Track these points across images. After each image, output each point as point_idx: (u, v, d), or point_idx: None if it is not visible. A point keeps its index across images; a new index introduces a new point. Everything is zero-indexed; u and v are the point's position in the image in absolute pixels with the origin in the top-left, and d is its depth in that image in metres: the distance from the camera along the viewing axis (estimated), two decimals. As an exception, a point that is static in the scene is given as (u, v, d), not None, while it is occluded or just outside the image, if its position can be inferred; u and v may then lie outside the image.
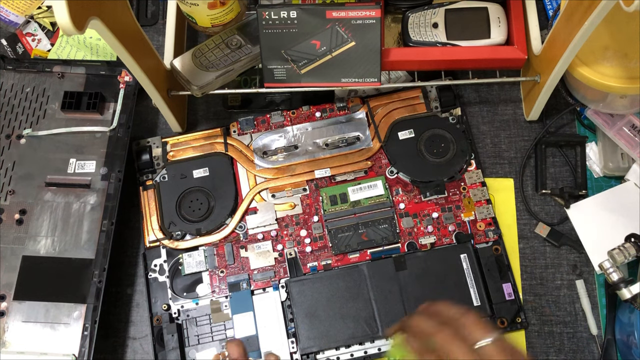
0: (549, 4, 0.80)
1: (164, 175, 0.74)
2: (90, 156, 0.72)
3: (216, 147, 0.75)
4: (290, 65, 0.67)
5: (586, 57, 0.67)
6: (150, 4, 0.84)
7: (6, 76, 0.75)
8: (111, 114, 0.74)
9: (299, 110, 0.76)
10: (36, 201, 0.70)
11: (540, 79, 0.69)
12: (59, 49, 0.82)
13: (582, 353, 0.68)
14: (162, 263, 0.71)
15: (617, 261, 0.63)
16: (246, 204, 0.72)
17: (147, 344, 0.70)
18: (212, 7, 0.69)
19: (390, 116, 0.74)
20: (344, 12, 0.65)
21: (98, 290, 0.66)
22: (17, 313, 0.66)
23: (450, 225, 0.71)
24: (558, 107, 0.75)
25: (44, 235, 0.69)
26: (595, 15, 0.53)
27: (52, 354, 0.64)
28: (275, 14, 0.65)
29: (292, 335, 0.67)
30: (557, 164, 0.75)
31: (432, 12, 0.73)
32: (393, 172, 0.73)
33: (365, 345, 0.67)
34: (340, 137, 0.74)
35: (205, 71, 0.69)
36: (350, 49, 0.66)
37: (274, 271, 0.70)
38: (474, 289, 0.67)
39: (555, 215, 0.73)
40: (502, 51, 0.71)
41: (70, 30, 0.48)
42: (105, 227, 0.68)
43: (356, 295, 0.67)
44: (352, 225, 0.71)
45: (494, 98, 0.78)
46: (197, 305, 0.69)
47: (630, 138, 0.72)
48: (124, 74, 0.74)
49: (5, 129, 0.73)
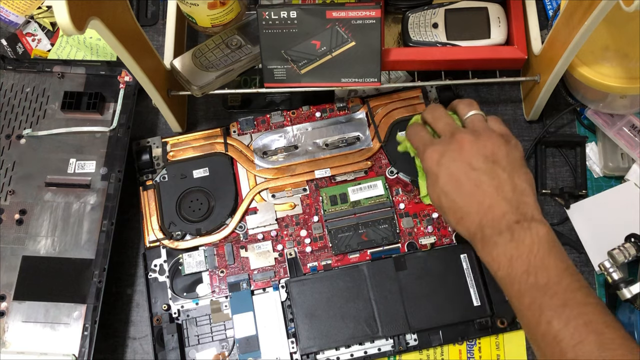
0: (549, 4, 0.80)
1: (164, 175, 0.74)
2: (90, 156, 0.72)
3: (216, 147, 0.75)
4: (290, 65, 0.67)
5: (586, 57, 0.67)
6: (150, 4, 0.84)
7: (6, 76, 0.75)
8: (111, 114, 0.74)
9: (299, 110, 0.76)
10: (36, 201, 0.70)
11: (540, 79, 0.69)
12: (59, 49, 0.82)
13: (582, 353, 0.68)
14: (162, 263, 0.71)
15: (617, 261, 0.63)
16: (246, 204, 0.72)
17: (147, 344, 0.70)
18: (212, 7, 0.69)
19: (390, 116, 0.74)
20: (344, 12, 0.65)
21: (98, 290, 0.66)
22: (17, 313, 0.66)
23: (450, 225, 0.71)
24: (558, 107, 0.75)
25: (44, 235, 0.69)
26: (595, 15, 0.53)
27: (52, 354, 0.64)
28: (275, 14, 0.65)
29: (292, 335, 0.67)
30: (557, 164, 0.75)
31: (432, 12, 0.73)
32: (393, 172, 0.73)
33: (365, 345, 0.67)
34: (340, 137, 0.74)
35: (205, 71, 0.69)
36: (350, 49, 0.66)
37: (274, 271, 0.70)
38: (474, 289, 0.67)
39: (555, 215, 0.73)
40: (502, 51, 0.71)
41: (70, 31, 0.48)
42: (105, 227, 0.68)
43: (356, 295, 0.67)
44: (352, 225, 0.71)
45: (494, 98, 0.78)
46: (197, 305, 0.69)
47: (630, 138, 0.72)
48: (124, 74, 0.74)
49: (5, 129, 0.73)
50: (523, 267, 0.53)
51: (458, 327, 0.67)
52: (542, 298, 0.52)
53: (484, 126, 0.60)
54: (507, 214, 0.55)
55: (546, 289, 0.52)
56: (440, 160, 0.58)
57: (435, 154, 0.59)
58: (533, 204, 0.56)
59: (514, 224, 0.54)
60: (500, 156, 0.57)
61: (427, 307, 0.67)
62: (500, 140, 0.58)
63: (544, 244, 0.53)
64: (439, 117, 0.62)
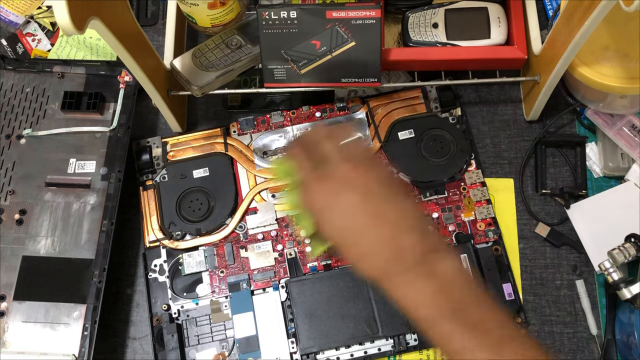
0: (549, 4, 0.80)
1: (164, 175, 0.74)
2: (90, 156, 0.72)
3: (216, 147, 0.75)
4: (290, 65, 0.67)
5: (586, 57, 0.67)
6: (150, 4, 0.84)
7: (6, 76, 0.75)
8: (111, 114, 0.74)
9: (299, 110, 0.76)
10: (36, 201, 0.70)
11: (540, 79, 0.69)
12: (59, 49, 0.82)
13: (582, 353, 0.68)
14: (162, 263, 0.71)
15: (617, 261, 0.63)
16: (246, 204, 0.72)
17: (147, 344, 0.70)
18: (212, 7, 0.69)
19: (390, 116, 0.74)
20: (344, 12, 0.65)
21: (98, 290, 0.66)
22: (17, 313, 0.66)
23: (451, 225, 0.71)
24: (558, 107, 0.75)
25: (44, 235, 0.69)
26: (595, 15, 0.53)
27: (52, 354, 0.64)
28: (275, 14, 0.65)
29: (292, 335, 0.67)
30: (557, 164, 0.75)
31: (432, 12, 0.73)
32: (393, 172, 0.73)
33: (365, 346, 0.67)
34: (340, 137, 0.74)
35: (205, 71, 0.69)
36: (350, 49, 0.66)
37: (274, 271, 0.70)
38: (474, 289, 0.67)
39: (555, 215, 0.73)
40: (502, 51, 0.71)
41: (70, 31, 0.48)
42: (105, 227, 0.68)
43: (356, 295, 0.67)
44: (352, 225, 0.70)
45: (494, 98, 0.78)
46: (197, 306, 0.69)
47: (630, 138, 0.72)
48: (124, 74, 0.74)
49: (5, 129, 0.73)
50: (443, 302, 0.47)
51: (458, 327, 0.67)
52: (471, 333, 0.45)
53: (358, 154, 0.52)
54: (415, 247, 0.47)
55: (475, 324, 0.46)
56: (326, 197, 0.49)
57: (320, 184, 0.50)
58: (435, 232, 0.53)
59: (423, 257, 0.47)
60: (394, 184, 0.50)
61: (427, 307, 0.67)
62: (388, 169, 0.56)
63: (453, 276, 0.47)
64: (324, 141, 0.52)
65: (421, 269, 0.47)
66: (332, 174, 0.50)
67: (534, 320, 0.69)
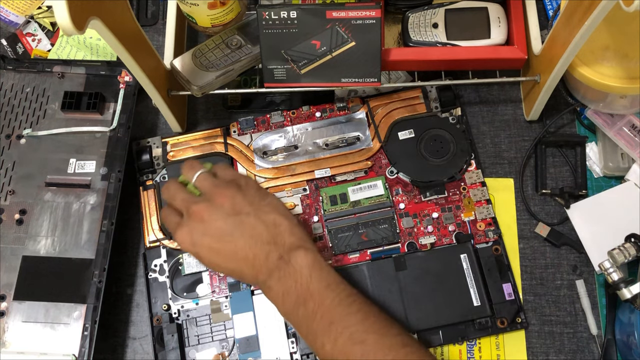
0: (549, 4, 0.80)
1: (164, 175, 0.74)
2: (90, 156, 0.72)
3: (216, 147, 0.75)
4: (290, 65, 0.67)
5: (586, 57, 0.67)
6: (150, 4, 0.84)
7: (6, 76, 0.75)
8: (111, 114, 0.74)
9: (299, 110, 0.76)
10: (36, 201, 0.70)
11: (540, 79, 0.69)
12: (59, 49, 0.82)
13: (582, 353, 0.68)
14: (162, 263, 0.71)
15: (617, 261, 0.63)
16: (246, 204, 0.72)
17: (147, 344, 0.70)
18: (212, 7, 0.69)
19: (390, 116, 0.74)
20: (344, 12, 0.65)
21: (98, 290, 0.66)
22: (17, 313, 0.66)
23: (450, 225, 0.71)
24: (558, 107, 0.75)
25: (44, 235, 0.69)
26: (595, 16, 0.53)
27: (52, 354, 0.64)
28: (275, 14, 0.65)
29: (292, 335, 0.67)
30: (557, 164, 0.75)
31: (432, 12, 0.73)
32: (393, 172, 0.73)
33: (365, 345, 0.67)
34: (340, 137, 0.74)
35: (205, 71, 0.69)
36: (350, 49, 0.66)
37: (274, 271, 0.70)
38: (474, 289, 0.67)
39: (555, 215, 0.73)
40: (502, 51, 0.71)
41: (70, 31, 0.48)
42: (105, 227, 0.68)
43: (356, 295, 0.67)
44: (352, 225, 0.71)
45: (494, 98, 0.78)
46: (197, 306, 0.69)
47: (630, 138, 0.72)
48: (124, 74, 0.74)
49: (5, 129, 0.73)
50: (292, 299, 0.56)
51: (458, 327, 0.67)
52: (313, 324, 0.54)
53: (212, 183, 0.60)
54: (270, 253, 0.57)
55: (314, 314, 0.54)
56: (192, 240, 0.59)
57: (186, 235, 0.59)
58: (287, 228, 0.58)
59: (278, 261, 0.56)
60: (239, 204, 0.58)
61: (427, 307, 0.67)
62: (232, 190, 0.59)
63: (305, 270, 0.55)
64: (174, 194, 0.62)
65: (276, 274, 0.56)
66: (187, 222, 0.59)
67: (534, 320, 0.69)
